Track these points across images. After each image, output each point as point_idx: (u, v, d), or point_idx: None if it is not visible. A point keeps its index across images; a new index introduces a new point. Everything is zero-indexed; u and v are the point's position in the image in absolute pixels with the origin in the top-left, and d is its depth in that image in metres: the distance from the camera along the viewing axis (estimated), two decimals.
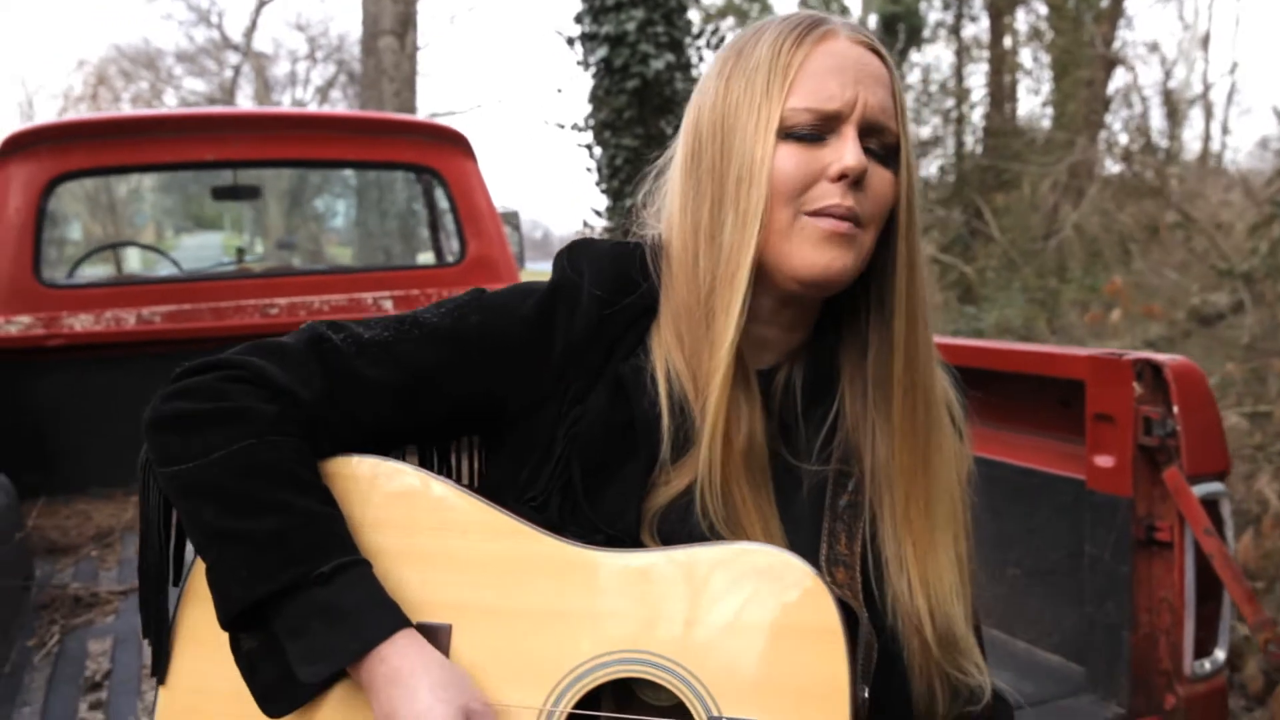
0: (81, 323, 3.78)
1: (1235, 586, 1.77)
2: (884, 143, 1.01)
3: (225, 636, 1.00)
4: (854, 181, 0.98)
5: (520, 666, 0.97)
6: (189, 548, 1.05)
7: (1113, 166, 12.03)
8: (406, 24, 12.90)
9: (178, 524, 1.05)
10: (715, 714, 0.93)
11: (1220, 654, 1.90)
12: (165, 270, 5.18)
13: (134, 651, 2.39)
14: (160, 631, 1.04)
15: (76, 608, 2.67)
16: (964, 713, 1.08)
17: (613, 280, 1.07)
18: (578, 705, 0.96)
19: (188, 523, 0.99)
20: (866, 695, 0.96)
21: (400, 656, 0.93)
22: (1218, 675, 1.90)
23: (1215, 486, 1.86)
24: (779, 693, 0.93)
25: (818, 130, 0.99)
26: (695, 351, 1.03)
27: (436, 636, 0.98)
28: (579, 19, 10.57)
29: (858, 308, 1.08)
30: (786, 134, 0.98)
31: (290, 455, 0.98)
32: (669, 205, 1.08)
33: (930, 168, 14.79)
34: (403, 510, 1.02)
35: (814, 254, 0.99)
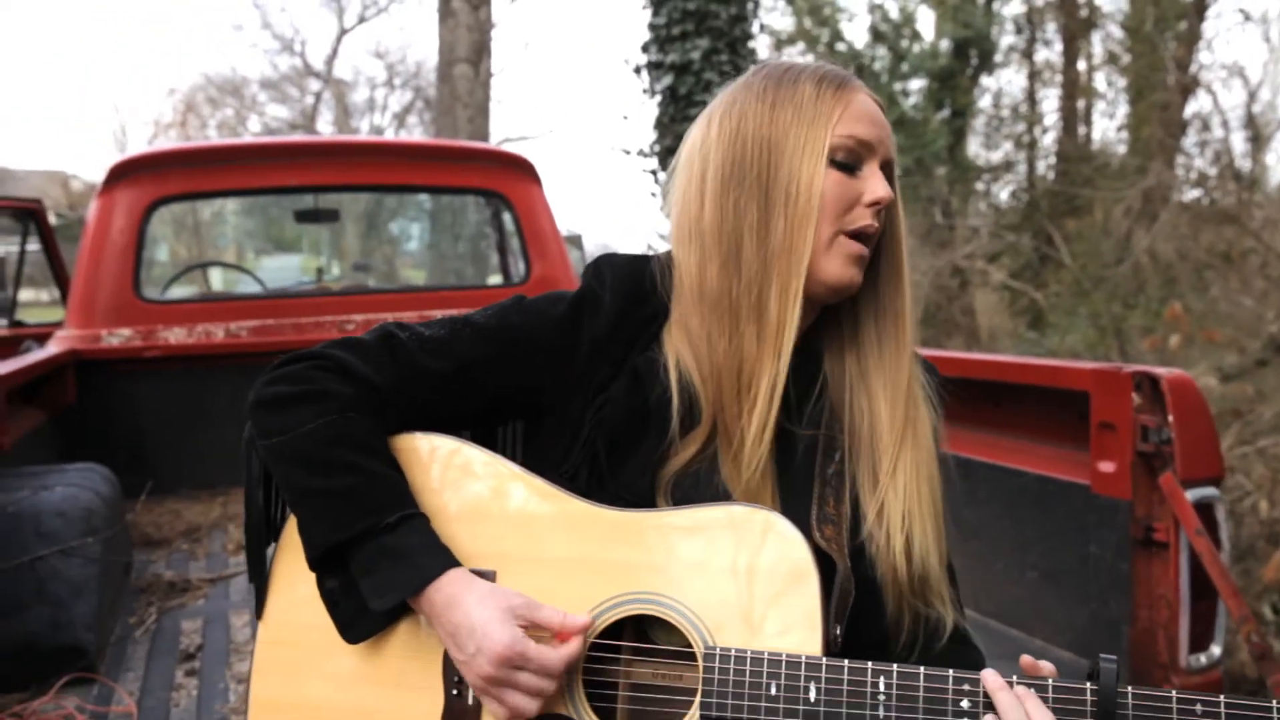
0: (175, 336, 4.09)
1: (1222, 583, 1.90)
2: (888, 176, 1.24)
3: (312, 579, 1.22)
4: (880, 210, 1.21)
5: (553, 604, 1.16)
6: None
7: (1190, 192, 11.86)
8: (481, 52, 13.27)
9: (275, 491, 1.28)
10: (711, 644, 1.12)
11: (1216, 649, 2.02)
12: (251, 288, 5.52)
13: (222, 630, 2.64)
14: (260, 576, 1.26)
15: (171, 592, 2.93)
16: (929, 648, 1.25)
17: (629, 288, 1.27)
18: (599, 637, 1.16)
19: (282, 484, 1.21)
20: (839, 632, 1.15)
21: (452, 586, 1.13)
22: (1214, 669, 2.02)
23: (1209, 491, 1.99)
24: (764, 626, 1.12)
25: (854, 159, 1.21)
26: (727, 331, 1.21)
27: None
28: (645, 48, 10.85)
29: (839, 305, 1.28)
30: (831, 159, 1.20)
31: (364, 429, 1.19)
32: (688, 212, 1.25)
33: (1001, 193, 14.69)
34: (455, 477, 1.22)
35: (843, 269, 1.21)
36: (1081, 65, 15.44)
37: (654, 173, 11.16)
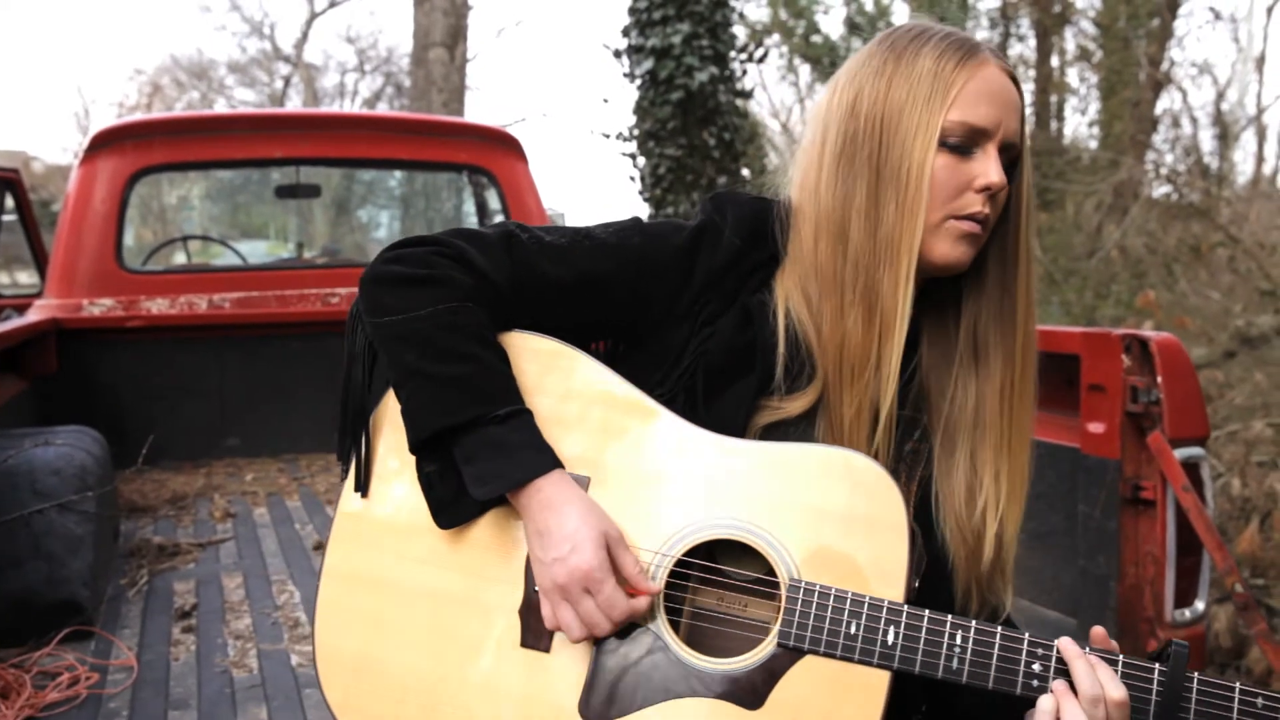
0: (158, 306, 4.08)
1: (1208, 536, 1.95)
2: (1010, 158, 1.22)
3: (404, 459, 1.21)
4: (993, 194, 1.20)
5: (641, 518, 1.17)
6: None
7: (1160, 188, 12.00)
8: (457, 36, 13.23)
9: (370, 369, 1.26)
10: (796, 577, 1.14)
11: (1200, 605, 2.08)
12: (233, 262, 5.50)
13: (216, 590, 2.64)
14: (359, 452, 1.25)
15: (161, 555, 2.93)
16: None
17: (749, 228, 1.27)
18: (684, 555, 1.16)
19: (391, 363, 1.19)
20: (917, 584, 1.17)
21: (554, 488, 1.14)
22: (1197, 624, 2.08)
23: (1195, 450, 2.04)
24: (851, 569, 1.13)
25: (967, 143, 1.19)
26: (833, 309, 1.21)
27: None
28: (626, 32, 10.85)
29: (941, 282, 1.27)
30: (942, 143, 1.18)
31: (480, 319, 1.19)
32: (808, 176, 1.25)
33: None
34: (558, 379, 1.22)
35: (952, 249, 1.19)
36: (1054, 61, 15.60)
37: (633, 157, 11.16)
